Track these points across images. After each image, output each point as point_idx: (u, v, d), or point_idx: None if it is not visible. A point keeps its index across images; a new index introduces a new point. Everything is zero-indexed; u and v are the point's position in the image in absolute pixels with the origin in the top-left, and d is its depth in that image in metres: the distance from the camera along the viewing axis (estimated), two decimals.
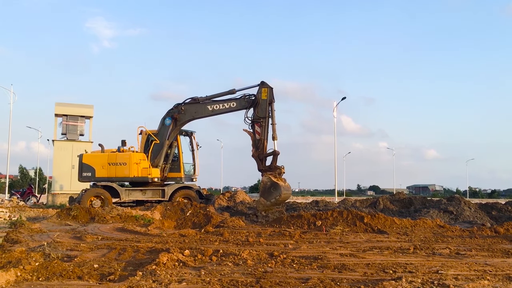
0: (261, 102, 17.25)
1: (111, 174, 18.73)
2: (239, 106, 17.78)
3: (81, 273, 5.74)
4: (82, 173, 18.85)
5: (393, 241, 9.85)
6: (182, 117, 18.47)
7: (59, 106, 26.72)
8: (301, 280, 5.59)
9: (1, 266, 5.67)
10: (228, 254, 7.38)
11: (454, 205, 16.63)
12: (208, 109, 18.12)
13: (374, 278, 5.75)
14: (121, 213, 14.17)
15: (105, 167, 18.71)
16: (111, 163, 18.74)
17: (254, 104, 17.35)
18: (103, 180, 18.79)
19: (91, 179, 19.05)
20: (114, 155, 18.86)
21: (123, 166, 18.67)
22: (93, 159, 19.01)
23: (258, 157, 16.81)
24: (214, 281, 5.41)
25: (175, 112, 18.41)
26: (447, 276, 5.88)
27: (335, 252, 8.09)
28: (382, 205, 18.29)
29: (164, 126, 18.72)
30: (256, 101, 17.29)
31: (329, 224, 12.21)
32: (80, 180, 19.22)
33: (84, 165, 18.86)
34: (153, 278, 5.51)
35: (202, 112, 18.29)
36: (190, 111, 18.38)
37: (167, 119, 18.69)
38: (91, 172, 18.76)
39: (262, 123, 17.09)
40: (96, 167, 18.77)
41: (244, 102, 17.62)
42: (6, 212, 15.60)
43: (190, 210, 14.53)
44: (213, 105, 18.00)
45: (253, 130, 17.20)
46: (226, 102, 17.91)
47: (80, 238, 9.79)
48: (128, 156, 18.66)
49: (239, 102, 17.77)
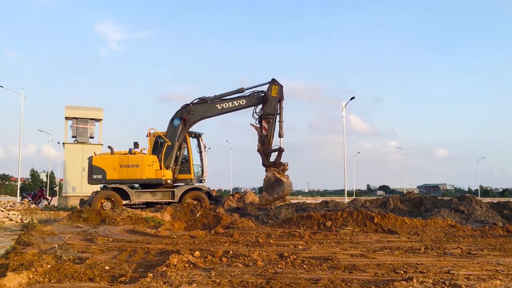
0: (271, 99, 17.44)
1: (123, 176, 18.72)
2: (249, 103, 17.92)
3: (92, 275, 5.77)
4: (93, 176, 18.81)
5: (404, 241, 9.80)
6: (191, 117, 18.50)
7: (69, 109, 26.93)
8: (311, 281, 5.58)
9: (13, 269, 5.72)
10: (238, 255, 7.39)
11: (465, 204, 16.50)
12: (217, 108, 18.19)
13: (384, 279, 5.72)
14: (132, 215, 14.24)
15: (116, 169, 18.72)
16: (123, 165, 18.75)
17: (263, 100, 17.50)
18: (114, 182, 18.78)
19: (101, 182, 18.98)
20: (125, 157, 18.89)
21: (135, 168, 18.71)
22: (103, 161, 18.98)
23: (264, 152, 17.06)
24: (225, 282, 5.42)
25: (184, 113, 18.47)
26: (458, 276, 5.84)
27: (345, 253, 8.07)
28: (392, 205, 18.19)
29: (173, 127, 18.76)
30: (265, 98, 17.47)
31: (339, 224, 12.18)
32: (90, 183, 19.19)
33: (95, 168, 18.82)
34: (164, 279, 5.53)
35: (211, 111, 18.37)
36: (199, 111, 18.44)
37: (176, 120, 18.72)
38: (101, 174, 18.73)
39: (270, 119, 17.33)
40: (107, 169, 18.76)
41: (254, 99, 17.76)
42: (18, 215, 15.76)
43: (200, 212, 14.55)
44: (222, 104, 18.09)
45: (260, 126, 17.40)
46: (235, 100, 18.03)
47: (91, 240, 9.85)
48: (141, 158, 18.74)
49: (248, 99, 17.93)
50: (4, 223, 14.43)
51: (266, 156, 17.01)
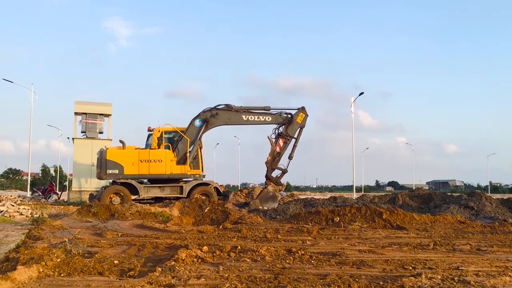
0: (295, 123, 19.07)
1: (144, 171, 18.59)
2: (274, 121, 19.32)
3: (101, 269, 5.82)
4: (107, 170, 18.34)
5: (413, 237, 9.75)
6: (214, 121, 19.24)
7: (78, 105, 27.03)
8: (320, 276, 5.58)
9: (24, 262, 5.78)
10: (246, 251, 7.40)
11: (475, 200, 16.38)
12: (242, 118, 19.25)
13: (393, 275, 5.70)
14: (140, 210, 14.31)
15: (135, 164, 18.52)
16: (144, 160, 18.60)
17: (287, 121, 19.06)
18: (133, 177, 18.66)
19: (118, 176, 18.58)
20: (146, 152, 18.76)
21: (158, 163, 18.69)
22: (120, 156, 18.61)
23: (271, 166, 18.83)
24: (233, 277, 5.43)
25: (208, 116, 19.17)
26: (467, 272, 5.81)
27: (354, 248, 8.05)
28: (401, 201, 18.09)
29: (193, 126, 19.28)
30: (291, 120, 19.04)
31: (347, 220, 12.15)
32: (103, 178, 18.74)
33: (110, 162, 18.37)
34: (172, 274, 5.55)
35: (235, 120, 19.40)
36: (223, 117, 19.27)
37: (197, 120, 19.28)
38: (118, 169, 18.39)
39: (288, 140, 19.02)
40: (125, 164, 18.46)
41: (280, 119, 19.24)
42: (28, 209, 15.90)
43: (208, 207, 14.60)
44: (248, 116, 19.24)
45: (276, 142, 18.95)
46: (261, 115, 19.30)
47: (100, 234, 9.92)
48: (164, 153, 18.77)
49: (274, 117, 19.32)
50: (14, 217, 14.59)
51: (272, 170, 18.80)
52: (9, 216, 14.65)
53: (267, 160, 19.08)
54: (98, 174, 18.91)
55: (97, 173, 18.97)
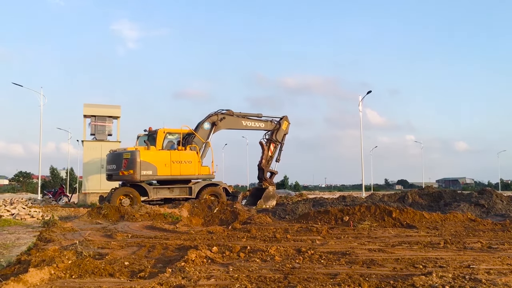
0: (281, 130, 22.30)
1: (175, 172, 18.66)
2: (266, 127, 22.08)
3: (112, 271, 5.85)
4: (142, 171, 17.96)
5: (423, 236, 9.71)
6: (221, 125, 20.49)
7: (87, 107, 27.18)
8: (330, 275, 5.57)
9: (35, 265, 5.83)
10: (255, 251, 7.41)
11: (486, 198, 16.27)
12: (242, 124, 21.40)
13: (403, 273, 5.68)
14: (150, 211, 14.37)
15: (168, 165, 18.50)
16: (175, 161, 18.61)
17: (276, 128, 22.16)
18: (166, 179, 18.76)
19: (152, 177, 18.44)
20: (177, 153, 18.85)
21: (188, 164, 18.88)
22: (154, 156, 18.40)
23: (265, 168, 21.64)
24: (242, 277, 5.44)
25: (215, 119, 20.36)
26: (479, 270, 5.77)
27: (364, 248, 8.02)
28: (411, 199, 18.03)
29: (203, 129, 20.12)
30: (278, 127, 22.21)
31: (356, 219, 12.12)
32: (137, 179, 18.08)
33: (144, 163, 18.04)
34: (182, 274, 5.57)
35: (237, 125, 21.36)
36: (228, 121, 20.82)
37: (206, 123, 20.22)
38: (152, 170, 18.17)
39: (277, 145, 22.18)
40: (158, 165, 18.32)
41: (270, 126, 22.10)
42: (39, 212, 16.03)
43: (217, 207, 14.63)
44: (246, 122, 21.52)
45: (268, 147, 21.87)
46: (257, 122, 21.84)
47: (110, 236, 9.97)
48: (193, 155, 18.97)
49: (266, 124, 22.05)
50: (26, 220, 14.70)
51: (265, 173, 21.70)
52: (21, 219, 14.78)
53: (262, 163, 21.71)
54: (130, 175, 18.08)
55: (129, 174, 18.09)
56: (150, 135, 19.92)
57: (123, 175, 18.30)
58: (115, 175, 18.83)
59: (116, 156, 18.84)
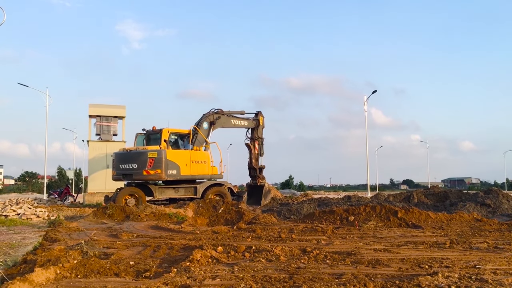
0: (260, 126, 22.71)
1: (194, 172, 18.98)
2: (249, 125, 22.41)
3: (117, 270, 5.86)
4: (168, 171, 18.10)
5: (429, 236, 9.67)
6: (217, 124, 20.67)
7: (92, 108, 27.26)
8: (335, 276, 5.56)
9: (41, 264, 5.85)
10: (261, 251, 7.40)
11: (492, 198, 16.19)
12: (231, 123, 21.68)
13: (409, 273, 5.66)
14: (155, 211, 14.39)
15: (188, 164, 18.79)
16: (194, 161, 18.93)
17: (256, 126, 22.51)
18: (186, 178, 18.96)
19: (176, 177, 18.54)
20: (195, 153, 19.12)
21: (204, 164, 19.27)
22: (177, 156, 18.64)
23: (256, 167, 22.31)
24: (248, 277, 5.44)
25: (211, 119, 20.55)
26: (485, 270, 5.74)
27: (369, 248, 8.00)
28: (416, 199, 17.96)
29: (203, 129, 20.16)
30: (258, 125, 22.59)
31: (362, 219, 12.09)
32: (164, 178, 18.27)
33: (170, 163, 18.24)
34: (188, 274, 5.58)
35: (228, 124, 21.57)
36: (223, 120, 21.02)
37: (205, 123, 20.30)
38: (176, 169, 18.36)
39: (260, 142, 22.74)
40: (181, 165, 18.58)
41: (252, 123, 22.44)
42: (45, 211, 16.08)
43: (222, 207, 14.63)
44: (235, 121, 21.83)
45: (253, 146, 22.41)
46: (242, 120, 22.21)
47: (116, 236, 10.00)
48: (207, 155, 19.40)
49: (249, 122, 22.37)
50: (31, 220, 14.76)
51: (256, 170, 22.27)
52: (26, 218, 14.84)
53: (254, 163, 22.33)
54: (157, 174, 18.07)
55: (156, 174, 18.06)
56: (151, 134, 19.82)
57: (148, 174, 18.08)
58: (136, 175, 18.37)
59: (137, 155, 18.42)
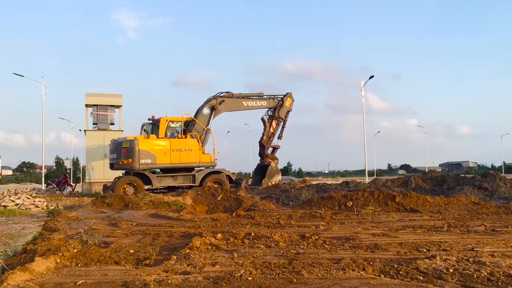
0: (284, 106, 22.15)
1: (175, 161, 18.60)
2: (268, 105, 22.02)
3: (117, 259, 5.88)
4: (140, 160, 17.95)
5: (426, 220, 9.72)
6: (221, 109, 20.21)
7: (89, 97, 27.11)
8: (334, 260, 5.59)
9: (41, 254, 5.86)
10: (260, 237, 7.43)
11: (489, 181, 16.27)
12: (243, 105, 21.12)
13: (407, 257, 5.70)
14: (154, 199, 14.40)
15: (167, 153, 18.45)
16: (175, 149, 18.54)
17: (279, 105, 22.00)
18: (165, 167, 18.71)
19: (151, 166, 18.37)
20: (177, 141, 18.76)
21: (189, 152, 18.80)
22: (153, 145, 18.40)
23: (266, 145, 21.80)
24: (247, 264, 5.46)
25: (215, 103, 20.11)
26: (483, 253, 5.79)
27: (367, 232, 8.05)
28: (414, 184, 18.03)
29: (203, 115, 19.92)
30: (281, 104, 22.05)
31: (360, 204, 12.13)
32: (136, 168, 18.07)
33: (143, 152, 18.02)
34: (187, 261, 5.60)
35: (237, 107, 21.04)
36: (228, 104, 20.54)
37: (205, 108, 19.99)
38: (151, 158, 18.15)
39: (280, 122, 22.14)
40: (157, 154, 18.29)
41: (273, 103, 22.04)
42: (44, 201, 16.09)
43: (221, 195, 14.66)
44: (248, 102, 21.29)
45: (270, 124, 21.92)
46: (258, 101, 21.64)
47: (115, 224, 10.01)
48: (194, 143, 18.93)
49: (268, 102, 21.97)
50: (30, 210, 14.78)
51: (267, 148, 21.88)
52: (25, 208, 14.85)
53: (264, 140, 21.73)
54: (129, 164, 18.10)
55: (128, 163, 18.11)
56: (154, 123, 19.95)
57: (122, 164, 18.34)
58: (116, 164, 18.92)
59: (117, 145, 18.91)
